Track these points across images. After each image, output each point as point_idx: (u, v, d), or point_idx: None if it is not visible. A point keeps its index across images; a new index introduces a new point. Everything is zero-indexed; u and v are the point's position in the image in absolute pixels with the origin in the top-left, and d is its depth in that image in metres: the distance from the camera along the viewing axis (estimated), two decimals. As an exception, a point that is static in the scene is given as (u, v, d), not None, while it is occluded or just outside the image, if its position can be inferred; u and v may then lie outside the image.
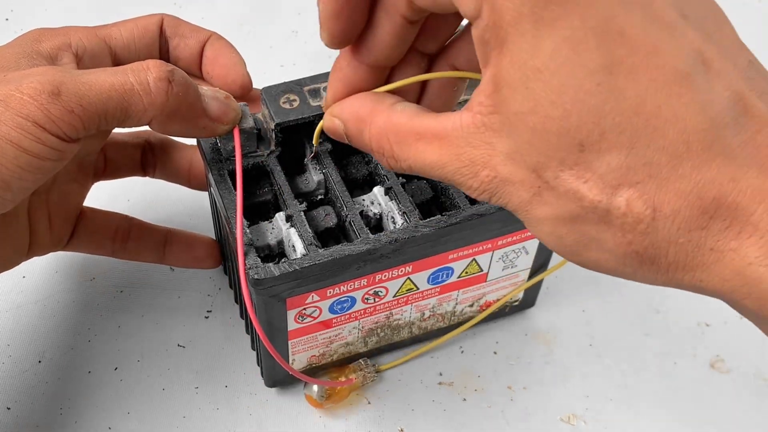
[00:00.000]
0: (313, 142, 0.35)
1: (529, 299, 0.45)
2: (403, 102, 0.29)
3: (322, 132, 0.31)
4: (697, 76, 0.22)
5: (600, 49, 0.22)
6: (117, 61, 0.37)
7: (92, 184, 0.42)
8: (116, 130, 0.37)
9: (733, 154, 0.22)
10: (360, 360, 0.43)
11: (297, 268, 0.33)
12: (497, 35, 0.23)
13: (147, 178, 0.44)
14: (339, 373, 0.42)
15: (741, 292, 0.22)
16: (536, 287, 0.44)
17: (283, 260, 0.34)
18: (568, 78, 0.22)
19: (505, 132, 0.24)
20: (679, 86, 0.22)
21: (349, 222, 0.36)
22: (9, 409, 0.41)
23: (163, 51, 0.38)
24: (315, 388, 0.41)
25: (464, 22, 0.27)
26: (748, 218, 0.22)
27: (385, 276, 0.37)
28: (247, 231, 0.35)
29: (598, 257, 0.25)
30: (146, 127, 0.34)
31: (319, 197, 0.39)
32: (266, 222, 0.37)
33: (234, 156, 0.36)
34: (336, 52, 0.30)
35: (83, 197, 0.41)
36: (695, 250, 0.23)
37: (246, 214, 0.36)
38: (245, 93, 0.36)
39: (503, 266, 0.41)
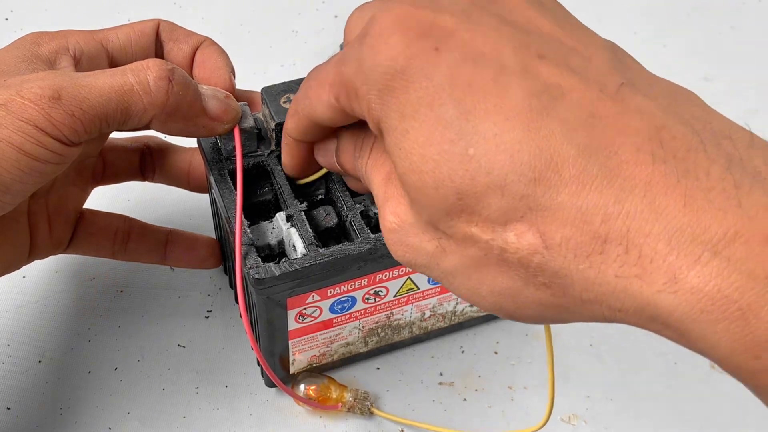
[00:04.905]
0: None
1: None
2: None
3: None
4: (555, 107, 0.22)
5: (452, 100, 0.23)
6: (114, 63, 0.37)
7: (92, 188, 0.42)
8: (116, 134, 0.37)
9: (611, 175, 0.21)
10: (363, 391, 0.42)
11: (297, 267, 0.33)
12: (378, 119, 0.25)
13: (147, 179, 0.44)
14: (337, 389, 0.41)
15: (658, 324, 0.21)
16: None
17: (283, 260, 0.34)
18: (431, 132, 0.23)
19: (403, 191, 0.26)
20: (536, 121, 0.22)
21: (350, 221, 0.36)
22: (9, 409, 0.41)
23: (158, 54, 0.38)
24: (302, 386, 0.41)
25: None
26: (645, 240, 0.21)
27: (385, 276, 0.37)
28: (248, 231, 0.35)
29: (516, 305, 0.25)
30: (145, 132, 0.34)
31: (320, 197, 0.39)
32: (266, 222, 0.37)
33: (234, 156, 0.36)
34: (332, 52, 0.30)
35: (83, 201, 0.41)
36: (600, 277, 0.22)
37: (246, 214, 0.36)
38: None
39: (503, 266, 0.41)
